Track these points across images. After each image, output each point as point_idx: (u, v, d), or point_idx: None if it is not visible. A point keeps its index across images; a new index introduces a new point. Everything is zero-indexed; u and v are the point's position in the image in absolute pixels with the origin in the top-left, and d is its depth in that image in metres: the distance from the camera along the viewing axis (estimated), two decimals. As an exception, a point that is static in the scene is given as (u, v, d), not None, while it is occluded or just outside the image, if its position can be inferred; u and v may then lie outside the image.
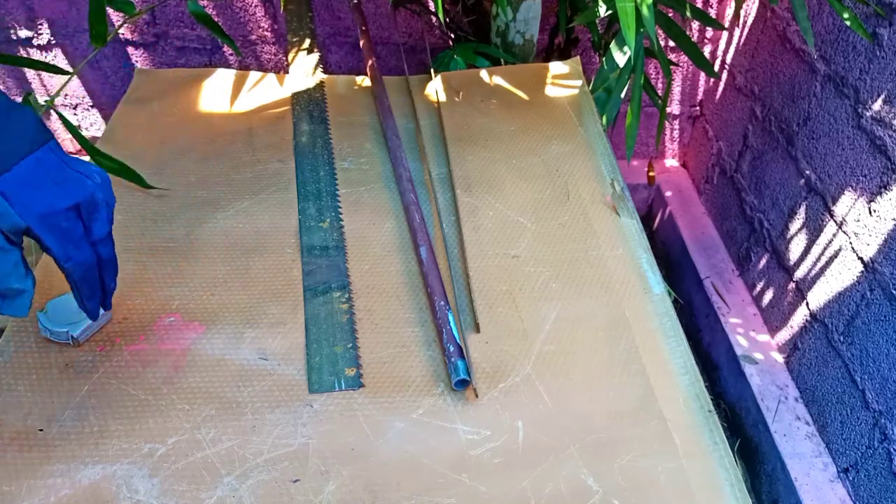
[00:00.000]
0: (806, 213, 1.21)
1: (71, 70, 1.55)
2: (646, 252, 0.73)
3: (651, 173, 1.71)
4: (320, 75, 0.94)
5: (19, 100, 1.40)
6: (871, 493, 1.06)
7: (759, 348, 1.32)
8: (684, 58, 1.54)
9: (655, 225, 1.74)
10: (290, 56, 0.98)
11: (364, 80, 0.97)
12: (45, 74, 1.56)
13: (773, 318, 1.33)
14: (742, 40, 1.44)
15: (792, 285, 1.25)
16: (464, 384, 0.60)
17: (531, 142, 0.87)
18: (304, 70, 0.95)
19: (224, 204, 0.77)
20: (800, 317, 1.23)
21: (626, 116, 1.06)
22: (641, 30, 0.91)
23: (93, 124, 1.72)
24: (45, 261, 0.69)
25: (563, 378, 0.62)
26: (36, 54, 1.56)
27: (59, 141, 0.54)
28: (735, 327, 1.36)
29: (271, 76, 0.97)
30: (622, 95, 1.03)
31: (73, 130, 0.77)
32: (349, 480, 0.54)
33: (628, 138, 1.05)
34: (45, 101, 1.56)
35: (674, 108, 1.65)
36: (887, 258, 1.00)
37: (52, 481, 0.53)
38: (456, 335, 0.62)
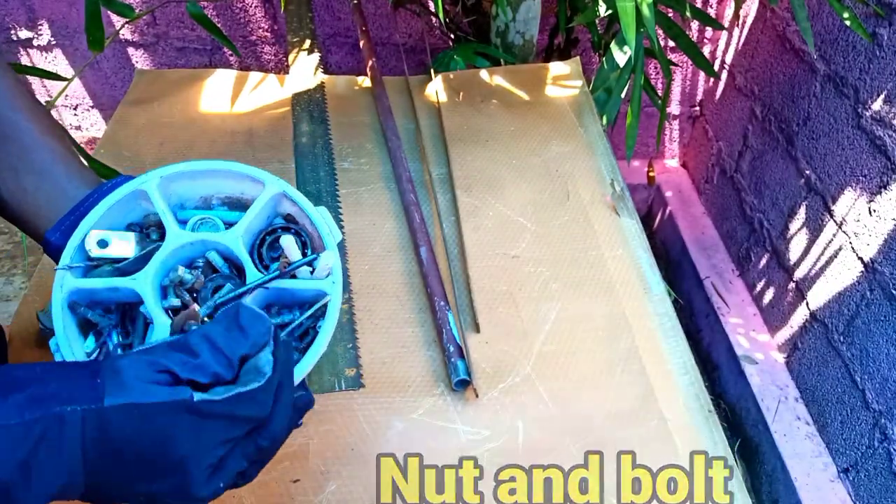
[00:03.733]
0: (806, 213, 1.21)
1: (72, 70, 1.56)
2: (646, 252, 0.73)
3: (651, 173, 1.71)
4: (320, 76, 0.94)
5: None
6: (872, 493, 1.06)
7: (760, 348, 1.32)
8: (684, 58, 1.54)
9: (655, 225, 1.74)
10: (291, 57, 0.98)
11: (364, 81, 0.97)
12: (45, 75, 1.57)
13: (773, 318, 1.33)
14: (742, 40, 1.44)
15: (792, 285, 1.25)
16: (464, 384, 0.60)
17: (531, 142, 0.87)
18: (305, 70, 0.95)
19: (224, 204, 0.77)
20: (800, 317, 1.23)
21: (626, 116, 1.06)
22: (641, 30, 0.91)
23: (93, 125, 1.72)
24: (44, 261, 0.69)
25: (563, 378, 0.62)
26: (36, 55, 1.56)
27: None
28: (735, 327, 1.36)
29: (271, 77, 0.97)
30: (622, 95, 1.03)
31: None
32: (349, 480, 0.54)
33: (628, 138, 1.05)
34: (46, 103, 1.56)
35: (674, 108, 1.66)
36: (887, 258, 1.00)
37: (53, 481, 0.53)
38: (456, 335, 0.62)
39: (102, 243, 0.44)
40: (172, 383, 0.36)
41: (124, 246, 0.45)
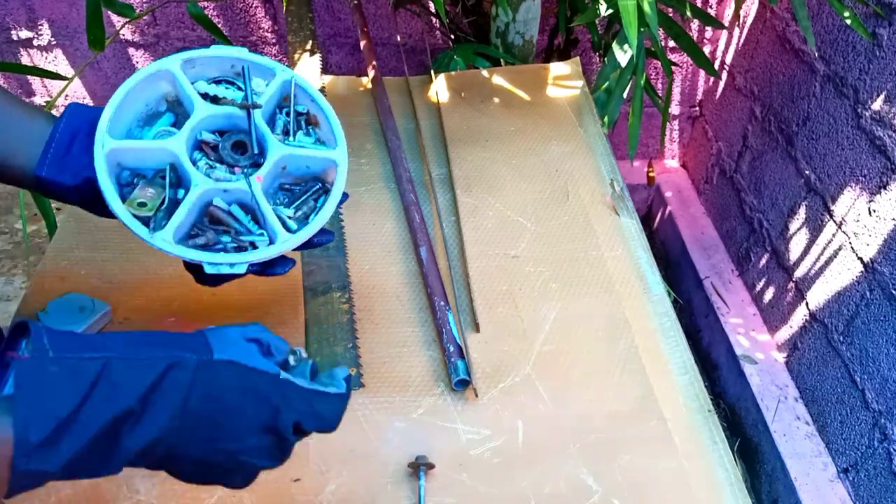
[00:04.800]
0: (805, 214, 1.21)
1: (72, 70, 1.56)
2: (645, 252, 0.73)
3: (651, 173, 1.71)
4: (321, 76, 0.94)
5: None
6: (871, 493, 1.06)
7: (759, 348, 1.32)
8: (684, 58, 1.54)
9: (655, 225, 1.74)
10: (291, 57, 0.98)
11: (364, 81, 0.97)
12: (45, 75, 1.57)
13: (773, 318, 1.33)
14: (741, 40, 1.44)
15: (791, 285, 1.26)
16: (464, 384, 0.60)
17: (531, 142, 0.87)
18: (305, 71, 0.95)
19: (224, 204, 0.77)
20: (799, 317, 1.23)
21: (624, 117, 1.06)
22: (643, 29, 0.91)
23: (93, 125, 1.72)
24: (45, 261, 0.70)
25: (563, 378, 0.62)
26: (36, 55, 1.56)
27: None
28: (735, 327, 1.36)
29: (271, 77, 0.97)
30: (623, 96, 1.03)
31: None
32: (349, 480, 0.54)
33: (631, 138, 1.05)
34: (46, 103, 1.57)
35: (673, 108, 1.66)
36: (887, 258, 1.00)
37: (53, 481, 0.53)
38: (456, 335, 0.62)
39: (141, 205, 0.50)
40: (263, 353, 0.42)
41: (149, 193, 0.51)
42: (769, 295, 1.34)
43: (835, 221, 1.12)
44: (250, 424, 0.39)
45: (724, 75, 1.52)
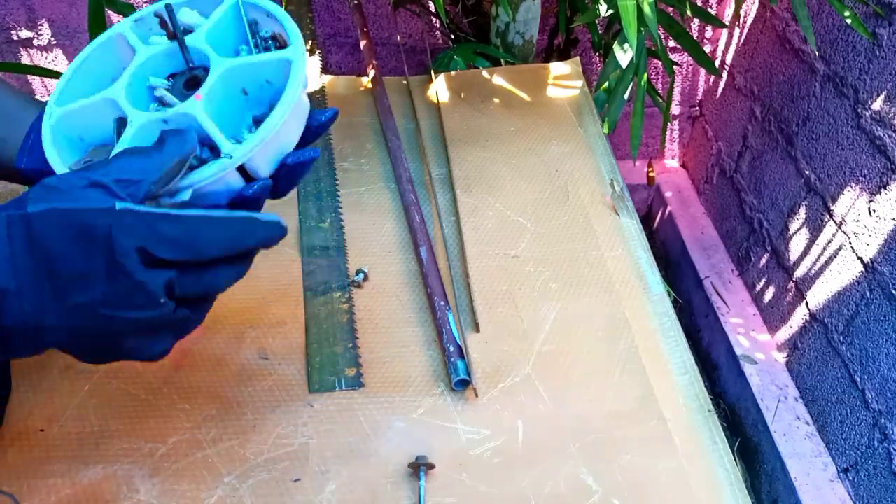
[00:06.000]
0: (805, 213, 1.21)
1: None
2: (645, 252, 0.73)
3: (651, 173, 1.71)
4: (321, 76, 0.94)
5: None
6: (871, 493, 1.06)
7: (759, 348, 1.32)
8: (683, 57, 1.54)
9: (655, 225, 1.74)
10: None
11: (364, 81, 0.97)
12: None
13: (773, 318, 1.33)
14: (741, 40, 1.44)
15: (791, 285, 1.26)
16: (464, 384, 0.60)
17: (531, 142, 0.87)
18: (305, 70, 0.95)
19: (224, 204, 0.77)
20: (799, 317, 1.23)
21: (623, 117, 1.06)
22: (643, 29, 0.91)
23: (93, 125, 1.72)
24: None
25: (563, 378, 0.62)
26: (36, 55, 1.56)
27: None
28: (735, 327, 1.36)
29: (271, 76, 0.97)
30: (625, 97, 1.03)
31: None
32: (349, 480, 0.54)
33: (633, 139, 1.05)
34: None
35: (673, 108, 1.66)
36: (887, 258, 1.00)
37: (53, 481, 0.53)
38: (456, 335, 0.62)
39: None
40: (109, 194, 0.37)
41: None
42: (769, 295, 1.34)
43: (835, 221, 1.13)
44: (89, 267, 0.35)
45: (724, 75, 1.52)
